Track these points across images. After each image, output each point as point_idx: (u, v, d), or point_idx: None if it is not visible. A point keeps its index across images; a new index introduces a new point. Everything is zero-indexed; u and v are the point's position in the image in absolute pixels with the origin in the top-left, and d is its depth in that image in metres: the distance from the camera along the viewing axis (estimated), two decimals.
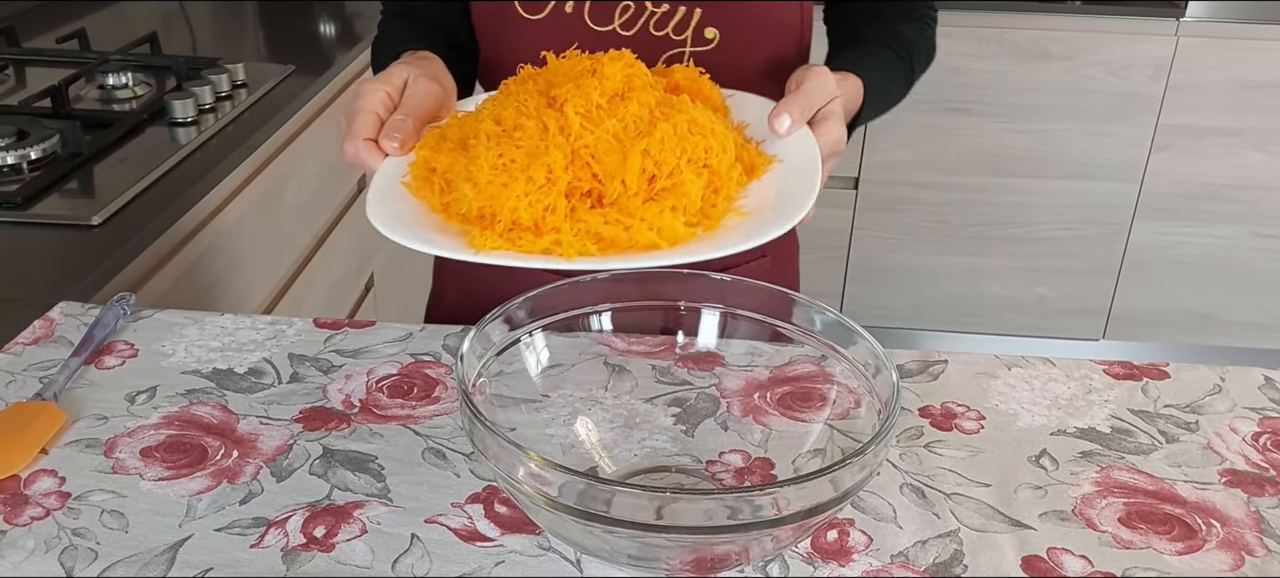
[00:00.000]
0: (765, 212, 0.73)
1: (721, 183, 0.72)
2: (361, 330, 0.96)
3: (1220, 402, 0.89)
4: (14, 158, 1.29)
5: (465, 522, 0.73)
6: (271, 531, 0.71)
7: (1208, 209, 2.67)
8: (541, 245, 0.68)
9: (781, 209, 0.73)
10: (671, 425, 0.82)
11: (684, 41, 0.95)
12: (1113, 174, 2.65)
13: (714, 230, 0.71)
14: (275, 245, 1.59)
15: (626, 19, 0.94)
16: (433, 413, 0.84)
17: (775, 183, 0.76)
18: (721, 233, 0.71)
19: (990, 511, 0.75)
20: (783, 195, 0.74)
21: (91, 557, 0.68)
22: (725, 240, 0.70)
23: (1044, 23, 2.51)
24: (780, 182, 0.76)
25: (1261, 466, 0.81)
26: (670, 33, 0.94)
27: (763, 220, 0.72)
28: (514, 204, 0.68)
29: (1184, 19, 2.49)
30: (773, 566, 0.70)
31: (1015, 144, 2.62)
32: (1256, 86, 2.54)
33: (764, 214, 0.73)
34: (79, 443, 0.79)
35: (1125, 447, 0.83)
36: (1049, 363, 0.93)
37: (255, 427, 0.82)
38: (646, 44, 0.94)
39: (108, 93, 1.56)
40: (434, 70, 0.86)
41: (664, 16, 0.94)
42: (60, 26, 1.81)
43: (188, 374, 0.88)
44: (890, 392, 0.71)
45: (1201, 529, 0.74)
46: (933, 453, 0.81)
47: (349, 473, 0.77)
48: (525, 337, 0.79)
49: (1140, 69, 2.54)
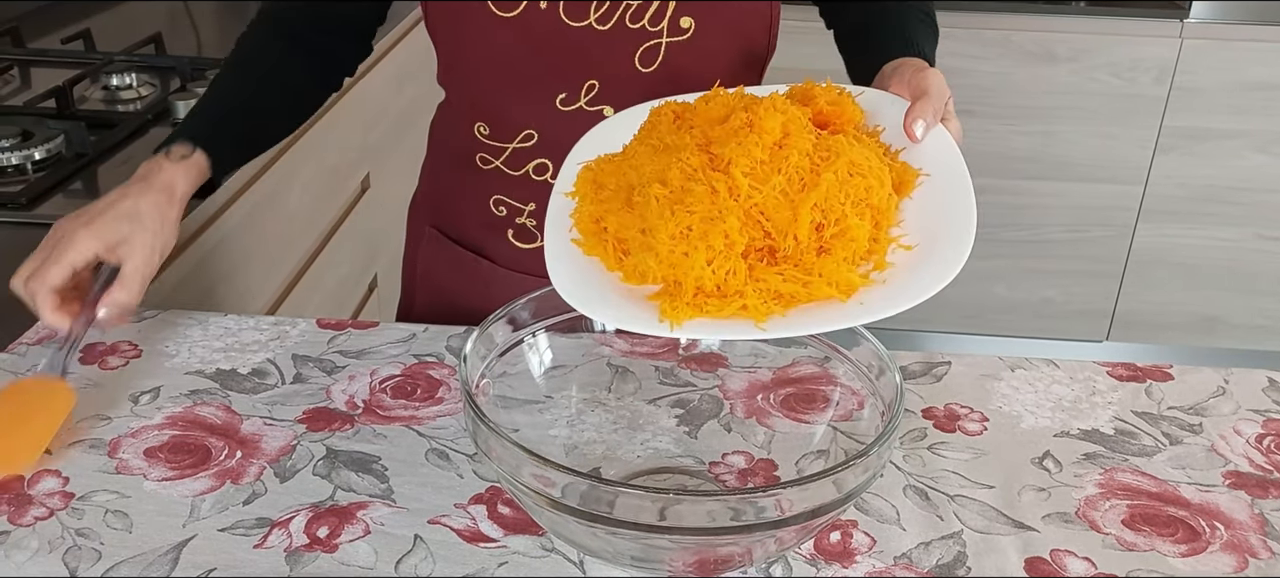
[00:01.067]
0: (929, 237, 0.72)
1: (882, 216, 0.72)
2: (365, 331, 0.96)
3: (1224, 404, 0.89)
4: (18, 158, 1.30)
5: (468, 523, 0.73)
6: (275, 531, 0.71)
7: (1212, 211, 2.67)
8: (730, 311, 0.68)
9: (948, 237, 0.71)
10: (674, 427, 0.82)
11: (660, 33, 0.95)
12: (1117, 176, 2.65)
13: (884, 270, 0.70)
14: (279, 246, 1.59)
15: (602, 13, 0.94)
16: (436, 414, 0.84)
17: (928, 200, 0.75)
18: (899, 280, 0.70)
19: (994, 512, 0.75)
20: (942, 217, 0.73)
21: (95, 557, 0.69)
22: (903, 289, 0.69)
23: (1048, 25, 2.51)
24: (933, 199, 0.75)
25: (1265, 468, 0.81)
26: (646, 24, 0.94)
27: (933, 254, 0.71)
28: (698, 273, 0.68)
29: (1188, 21, 2.48)
30: (776, 567, 0.70)
31: (1019, 146, 2.62)
32: (1261, 88, 2.53)
33: (929, 242, 0.72)
34: (83, 443, 0.79)
35: (1129, 449, 0.83)
36: (1052, 365, 0.93)
37: (259, 427, 0.82)
38: (622, 37, 0.95)
39: (112, 93, 1.56)
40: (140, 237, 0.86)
41: (639, 9, 0.94)
42: (65, 27, 1.81)
43: (191, 375, 0.88)
44: (893, 393, 0.71)
45: (1205, 532, 0.74)
46: (936, 455, 0.81)
47: (352, 474, 0.77)
48: (528, 338, 0.79)
49: (1145, 71, 2.53)
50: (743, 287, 0.68)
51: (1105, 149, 2.62)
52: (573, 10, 0.93)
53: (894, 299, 0.68)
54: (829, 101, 0.78)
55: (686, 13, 0.94)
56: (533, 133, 0.99)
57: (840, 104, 0.78)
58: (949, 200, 0.74)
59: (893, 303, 0.68)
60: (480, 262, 1.08)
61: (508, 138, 1.01)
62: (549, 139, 0.99)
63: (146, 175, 0.90)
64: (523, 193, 1.03)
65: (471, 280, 1.09)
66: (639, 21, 0.94)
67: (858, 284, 0.69)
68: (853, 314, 0.68)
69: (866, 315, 0.67)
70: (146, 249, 0.85)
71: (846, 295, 0.68)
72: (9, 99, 1.55)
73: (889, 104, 0.82)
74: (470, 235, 1.09)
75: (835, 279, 0.68)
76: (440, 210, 1.12)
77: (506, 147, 1.01)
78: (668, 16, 0.94)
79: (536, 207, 1.03)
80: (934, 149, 0.78)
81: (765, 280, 0.68)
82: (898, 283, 0.69)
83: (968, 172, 0.76)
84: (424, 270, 1.14)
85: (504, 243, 1.06)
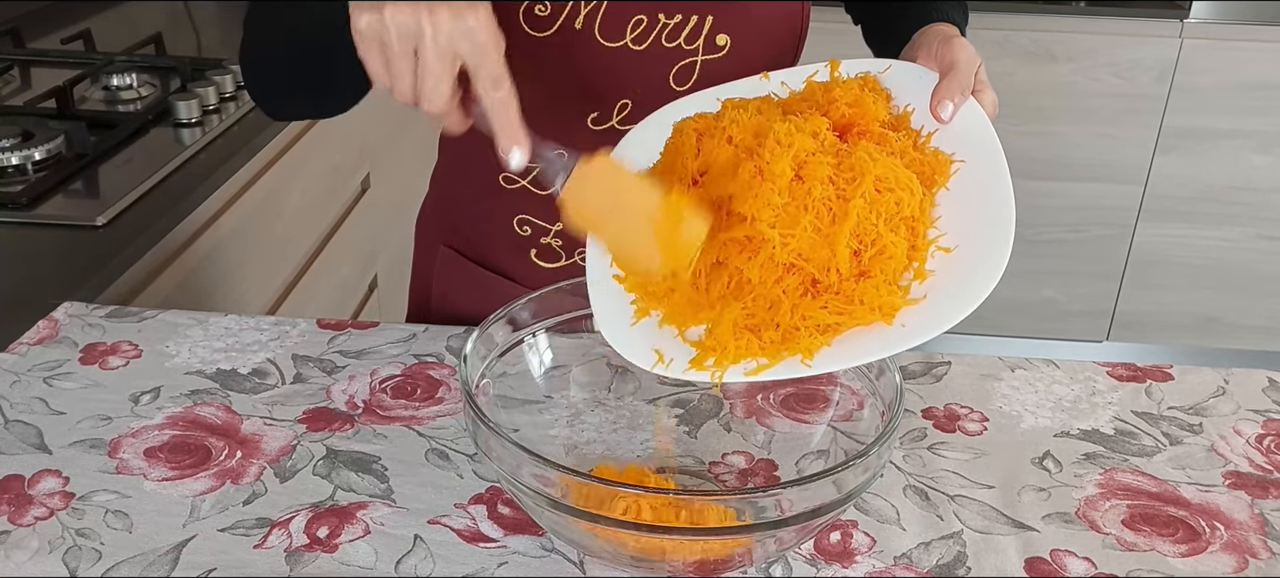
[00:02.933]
0: (967, 235, 0.70)
1: (917, 223, 0.70)
2: (365, 331, 0.96)
3: (1224, 404, 0.89)
4: (19, 158, 1.30)
5: (468, 523, 0.73)
6: (275, 531, 0.71)
7: (1212, 211, 2.67)
8: (776, 354, 0.67)
9: (986, 235, 0.70)
10: (675, 427, 0.82)
11: (695, 50, 0.93)
12: (1117, 176, 2.65)
13: (925, 279, 0.69)
14: (279, 246, 1.59)
15: (638, 33, 0.92)
16: (436, 414, 0.84)
17: (964, 189, 0.73)
18: (942, 290, 0.69)
19: (994, 513, 0.75)
20: (979, 210, 0.71)
21: (95, 557, 0.69)
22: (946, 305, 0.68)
23: (1048, 25, 2.51)
24: (969, 188, 0.73)
25: (1265, 468, 0.81)
26: (682, 43, 0.93)
27: (973, 254, 0.69)
28: (732, 333, 0.68)
29: (1188, 21, 2.48)
30: (776, 567, 0.70)
31: (1020, 146, 2.62)
32: (1261, 88, 2.53)
33: (968, 242, 0.70)
34: (83, 443, 0.79)
35: (1129, 449, 0.83)
36: (1052, 365, 0.93)
37: (259, 427, 0.82)
38: (658, 56, 0.93)
39: (112, 94, 1.56)
40: None
41: (676, 27, 0.92)
42: (65, 27, 1.81)
43: (192, 375, 0.88)
44: (894, 393, 0.71)
45: (1205, 532, 0.74)
46: (936, 455, 0.81)
47: (352, 474, 0.77)
48: (528, 338, 0.79)
49: (1145, 71, 2.54)
50: (784, 319, 0.67)
51: (1105, 149, 2.62)
52: (608, 31, 0.92)
53: (937, 318, 0.67)
54: (850, 103, 0.75)
55: (723, 29, 0.93)
56: (563, 152, 0.98)
57: (861, 105, 0.75)
58: (985, 188, 0.72)
59: (936, 322, 0.67)
60: (502, 282, 1.05)
61: (536, 157, 0.98)
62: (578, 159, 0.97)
63: None
64: (549, 213, 1.00)
65: (492, 300, 1.05)
66: (675, 40, 0.92)
67: (900, 304, 0.68)
68: (897, 339, 0.67)
69: (911, 339, 0.66)
70: None
71: (890, 318, 0.67)
72: (9, 99, 1.55)
73: (917, 78, 0.78)
74: (490, 254, 1.05)
75: (877, 304, 0.67)
76: (457, 228, 1.08)
77: (535, 166, 0.99)
78: (704, 34, 0.93)
79: (563, 227, 1.01)
80: (966, 127, 0.75)
81: (810, 314, 0.67)
82: (940, 295, 0.68)
83: (1002, 152, 0.74)
84: (441, 290, 1.10)
85: (526, 262, 1.03)
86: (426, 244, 1.13)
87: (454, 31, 0.68)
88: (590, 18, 0.91)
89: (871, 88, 0.77)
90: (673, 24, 0.92)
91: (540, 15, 0.90)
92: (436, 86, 0.70)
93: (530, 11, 0.90)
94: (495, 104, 0.71)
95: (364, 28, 0.70)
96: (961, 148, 0.75)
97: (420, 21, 0.68)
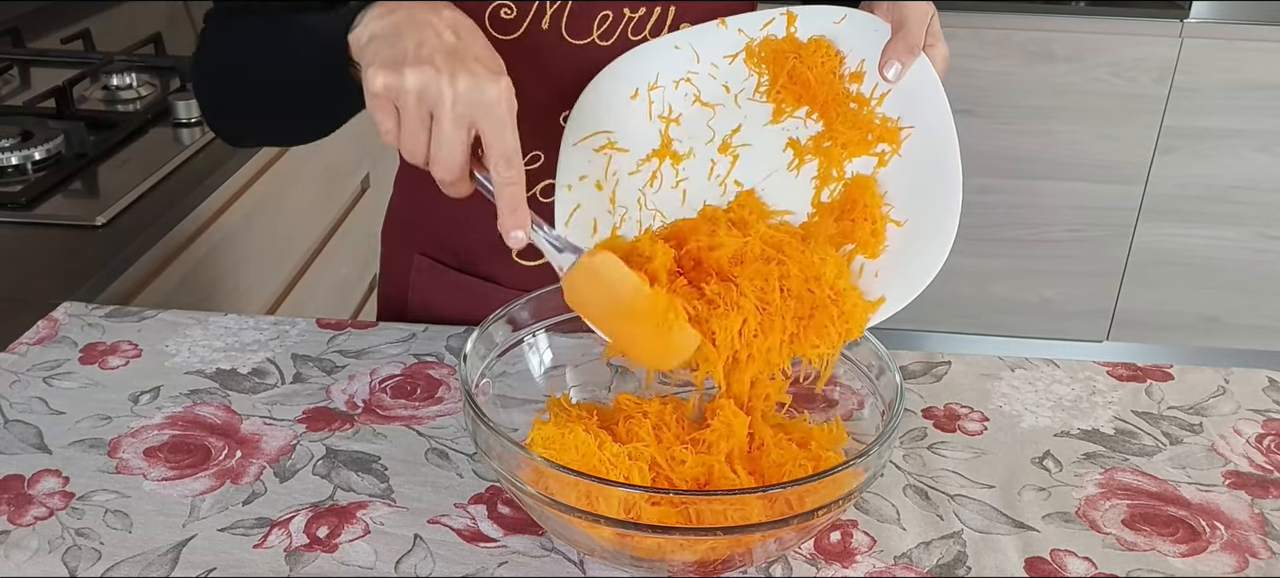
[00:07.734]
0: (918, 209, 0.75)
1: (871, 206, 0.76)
2: (365, 331, 0.96)
3: (1224, 404, 0.89)
4: (18, 158, 1.30)
5: (468, 522, 0.73)
6: (275, 531, 0.71)
7: (1212, 211, 2.67)
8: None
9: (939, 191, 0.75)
10: None
11: None
12: (1117, 176, 2.65)
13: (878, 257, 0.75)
14: (279, 246, 1.59)
15: (604, 29, 0.92)
16: (436, 414, 0.84)
17: (915, 156, 0.77)
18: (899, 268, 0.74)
19: (994, 512, 0.75)
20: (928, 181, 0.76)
21: (95, 557, 0.69)
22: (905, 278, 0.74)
23: (1048, 24, 2.51)
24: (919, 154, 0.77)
25: (1265, 468, 0.81)
26: (648, 36, 0.93)
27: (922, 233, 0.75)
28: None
29: (1188, 20, 2.48)
30: (776, 567, 0.70)
31: (1020, 145, 2.62)
32: (1261, 88, 2.53)
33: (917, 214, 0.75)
34: (82, 443, 0.79)
35: (1129, 449, 0.83)
36: (1052, 365, 0.93)
37: (258, 427, 0.82)
38: (625, 51, 0.93)
39: (112, 93, 1.56)
40: None
41: (640, 20, 0.93)
42: (65, 27, 1.81)
43: (191, 375, 0.88)
44: (893, 393, 0.71)
45: (1205, 532, 0.74)
46: (936, 455, 0.81)
47: (352, 474, 0.77)
48: (528, 337, 0.79)
49: (1145, 71, 2.53)
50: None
51: (1105, 149, 2.62)
52: (575, 29, 0.92)
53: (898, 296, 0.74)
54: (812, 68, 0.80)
55: (686, 19, 0.94)
56: (539, 154, 0.97)
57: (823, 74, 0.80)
58: (933, 152, 0.76)
59: (902, 295, 0.74)
60: (484, 285, 1.03)
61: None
62: (555, 160, 0.97)
63: None
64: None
65: (476, 305, 1.03)
66: (640, 33, 0.93)
67: (868, 314, 0.74)
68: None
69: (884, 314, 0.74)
70: None
71: (859, 331, 0.73)
72: (9, 99, 1.55)
73: (873, 31, 0.79)
74: (469, 259, 1.04)
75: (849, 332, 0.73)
76: (432, 234, 1.05)
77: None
78: (667, 26, 0.93)
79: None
80: (915, 87, 0.77)
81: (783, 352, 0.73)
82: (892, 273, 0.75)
83: (950, 116, 0.76)
84: (422, 300, 1.07)
85: (509, 263, 1.01)
86: (396, 251, 1.09)
87: (473, 101, 0.68)
88: (556, 17, 0.91)
89: (824, 51, 0.81)
90: (637, 17, 0.92)
91: (506, 18, 0.90)
92: (450, 154, 0.69)
93: (495, 14, 0.90)
94: (504, 182, 0.70)
95: (380, 89, 0.68)
96: (909, 109, 0.77)
97: (441, 87, 0.67)
